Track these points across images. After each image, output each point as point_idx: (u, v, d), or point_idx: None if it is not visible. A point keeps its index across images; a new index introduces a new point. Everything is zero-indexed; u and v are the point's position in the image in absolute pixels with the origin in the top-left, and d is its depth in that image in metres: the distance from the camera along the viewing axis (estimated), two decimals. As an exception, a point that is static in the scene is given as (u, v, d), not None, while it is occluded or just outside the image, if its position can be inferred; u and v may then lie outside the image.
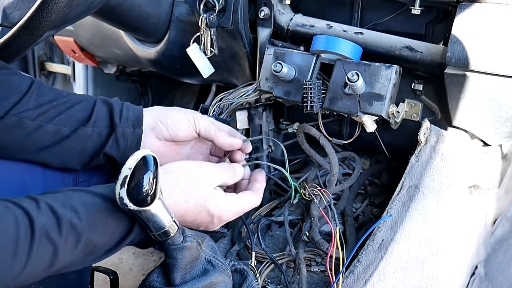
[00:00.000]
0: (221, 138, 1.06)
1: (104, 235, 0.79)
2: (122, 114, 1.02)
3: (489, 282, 1.15)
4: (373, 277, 1.01)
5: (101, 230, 0.78)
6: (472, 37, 1.01)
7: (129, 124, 1.02)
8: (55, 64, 2.41)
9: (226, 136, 1.07)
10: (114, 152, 1.02)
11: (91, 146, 1.00)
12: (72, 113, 0.99)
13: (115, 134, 1.01)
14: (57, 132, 0.97)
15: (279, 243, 1.24)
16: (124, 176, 0.75)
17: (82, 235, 0.76)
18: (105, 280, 1.15)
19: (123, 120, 1.02)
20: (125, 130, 1.02)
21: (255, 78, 1.36)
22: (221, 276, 0.90)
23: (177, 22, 1.37)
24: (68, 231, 0.74)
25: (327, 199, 1.13)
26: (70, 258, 0.76)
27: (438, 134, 1.14)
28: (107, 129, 1.01)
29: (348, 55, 1.14)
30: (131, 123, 1.02)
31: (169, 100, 2.45)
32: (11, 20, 0.90)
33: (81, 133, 0.99)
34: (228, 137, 1.07)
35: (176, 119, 1.05)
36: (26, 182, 0.98)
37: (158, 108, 1.08)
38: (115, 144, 1.01)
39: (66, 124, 0.98)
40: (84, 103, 1.01)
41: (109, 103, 1.03)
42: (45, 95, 0.98)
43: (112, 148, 1.01)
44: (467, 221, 1.15)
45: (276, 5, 1.28)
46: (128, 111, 1.03)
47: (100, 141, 1.01)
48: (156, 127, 1.04)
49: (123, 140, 1.01)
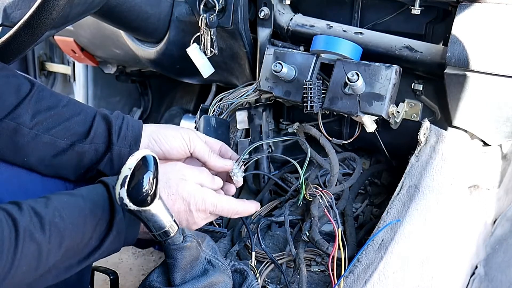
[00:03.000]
0: (213, 161, 1.07)
1: (85, 235, 0.80)
2: (121, 132, 1.01)
3: (489, 282, 1.15)
4: (373, 277, 1.01)
5: (82, 229, 0.79)
6: (472, 37, 1.01)
7: (127, 143, 1.01)
8: (55, 64, 2.41)
9: (218, 159, 1.08)
10: (108, 171, 1.01)
11: (87, 161, 1.00)
12: (70, 126, 0.98)
13: (111, 153, 1.00)
14: (53, 144, 0.96)
15: (279, 243, 1.24)
16: (124, 176, 0.75)
17: (65, 234, 0.77)
18: (105, 280, 1.15)
19: (120, 139, 1.00)
20: (122, 150, 1.00)
21: (255, 78, 1.36)
22: (221, 276, 0.90)
23: (177, 22, 1.37)
24: (52, 230, 0.75)
25: (328, 200, 1.13)
26: (55, 259, 0.76)
27: (438, 134, 1.15)
28: (104, 145, 1.00)
29: (348, 55, 1.14)
30: (128, 143, 1.01)
31: (169, 100, 2.45)
32: (11, 19, 0.90)
33: (77, 150, 0.98)
34: (220, 160, 1.08)
35: (171, 138, 1.04)
36: (25, 184, 0.98)
37: (153, 126, 1.06)
38: (110, 163, 1.00)
39: (63, 137, 0.97)
40: (83, 116, 1.00)
41: (109, 119, 1.01)
42: (44, 101, 0.97)
43: (106, 167, 1.01)
44: (467, 221, 1.15)
45: (276, 5, 1.28)
46: (127, 129, 1.02)
47: (96, 156, 1.00)
48: (149, 144, 1.04)
49: (118, 161, 1.00)
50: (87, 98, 2.30)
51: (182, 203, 0.93)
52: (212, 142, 1.12)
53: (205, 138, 1.12)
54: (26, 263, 0.73)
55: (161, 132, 1.04)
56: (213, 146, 1.12)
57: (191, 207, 0.94)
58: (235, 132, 1.44)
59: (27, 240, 0.73)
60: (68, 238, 0.77)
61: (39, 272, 0.75)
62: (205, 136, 1.13)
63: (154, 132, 1.04)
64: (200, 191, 0.95)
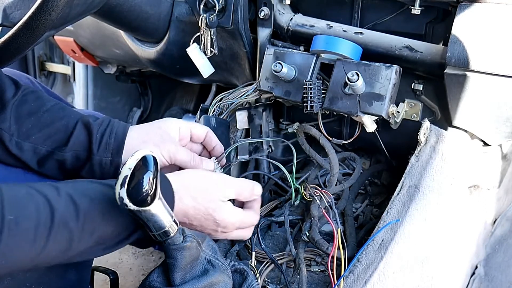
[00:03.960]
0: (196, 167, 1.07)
1: (117, 225, 0.81)
2: (102, 141, 0.99)
3: (489, 282, 1.14)
4: (373, 277, 1.01)
5: (115, 220, 0.80)
6: (472, 37, 1.01)
7: (108, 153, 0.99)
8: (55, 64, 2.41)
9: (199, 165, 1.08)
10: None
11: (69, 165, 0.99)
12: (51, 132, 0.97)
13: (90, 163, 0.98)
14: (33, 151, 0.96)
15: (279, 243, 1.24)
16: (124, 176, 0.75)
17: (97, 223, 0.78)
18: (105, 280, 1.15)
19: (101, 148, 0.99)
20: (102, 159, 0.99)
21: (255, 78, 1.36)
22: (221, 276, 0.90)
23: (177, 22, 1.37)
24: (86, 219, 0.77)
25: (327, 200, 1.13)
26: (85, 245, 0.78)
27: (438, 134, 1.14)
28: (85, 152, 0.99)
29: (348, 55, 1.14)
30: (110, 152, 0.99)
31: (169, 100, 2.45)
32: (11, 19, 0.90)
33: (56, 158, 0.97)
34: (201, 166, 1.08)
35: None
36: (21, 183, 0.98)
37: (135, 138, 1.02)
38: (90, 172, 0.99)
39: (43, 144, 0.96)
40: (65, 122, 0.98)
41: (90, 127, 0.99)
42: (26, 106, 0.96)
43: (87, 175, 1.00)
44: (467, 221, 1.15)
45: (276, 5, 1.28)
46: (110, 137, 0.99)
47: (78, 163, 0.99)
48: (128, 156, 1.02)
49: (99, 170, 0.99)
50: (87, 98, 2.30)
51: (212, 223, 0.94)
52: (198, 131, 1.11)
53: (191, 127, 1.10)
54: (57, 249, 0.75)
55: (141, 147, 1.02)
56: (199, 135, 1.11)
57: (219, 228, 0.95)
58: (235, 132, 1.44)
59: (61, 227, 0.75)
60: (100, 227, 0.79)
61: (66, 257, 0.78)
62: (190, 124, 1.11)
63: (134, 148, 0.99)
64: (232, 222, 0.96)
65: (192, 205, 0.91)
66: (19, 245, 0.71)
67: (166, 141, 1.04)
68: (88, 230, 0.78)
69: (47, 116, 0.98)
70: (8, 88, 0.96)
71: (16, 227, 0.71)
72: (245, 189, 1.00)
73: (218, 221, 0.94)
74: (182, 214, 0.90)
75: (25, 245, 0.72)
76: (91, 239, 0.78)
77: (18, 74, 1.15)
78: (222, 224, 0.94)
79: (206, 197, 0.92)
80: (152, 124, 1.08)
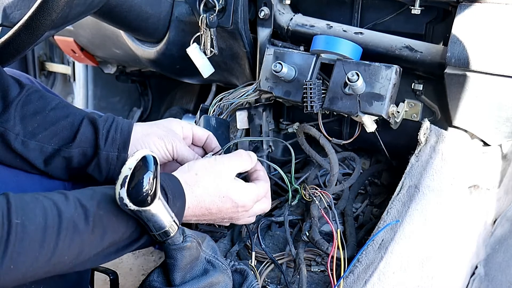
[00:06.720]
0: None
1: (127, 229, 0.81)
2: (109, 136, 0.99)
3: (489, 282, 1.14)
4: (373, 277, 1.01)
5: (125, 221, 0.80)
6: (472, 37, 1.01)
7: (115, 147, 0.99)
8: (55, 64, 2.41)
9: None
10: (96, 175, 1.00)
11: (76, 164, 0.99)
12: (57, 130, 0.97)
13: (97, 158, 0.98)
14: (40, 150, 0.96)
15: (279, 243, 1.24)
16: (124, 176, 0.75)
17: (108, 225, 0.78)
18: (105, 280, 1.15)
19: (108, 143, 0.99)
20: (109, 154, 0.99)
21: (255, 78, 1.36)
22: (221, 276, 0.90)
23: (177, 22, 1.37)
24: (95, 222, 0.77)
25: (327, 200, 1.13)
26: (96, 250, 0.78)
27: (438, 134, 1.14)
28: (92, 149, 0.99)
29: (348, 55, 1.14)
30: (116, 147, 0.99)
31: (169, 100, 2.46)
32: (11, 19, 0.90)
33: (63, 155, 0.97)
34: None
35: (154, 148, 1.02)
36: (23, 185, 0.97)
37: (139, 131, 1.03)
38: (97, 168, 0.99)
39: (49, 142, 0.96)
40: (71, 119, 0.98)
41: (96, 123, 0.99)
42: (31, 105, 0.96)
43: (94, 171, 1.00)
44: (467, 221, 1.15)
45: (276, 5, 1.28)
46: (116, 133, 1.00)
47: (85, 160, 0.99)
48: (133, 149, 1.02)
49: (106, 166, 0.99)
50: (87, 98, 2.30)
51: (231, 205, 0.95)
52: (199, 132, 1.12)
53: (193, 128, 1.11)
54: (68, 253, 0.75)
55: (145, 140, 1.02)
56: (200, 136, 1.12)
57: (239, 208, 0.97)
58: (235, 132, 1.44)
59: (70, 230, 0.74)
60: (110, 229, 0.78)
61: (79, 261, 0.77)
62: (192, 125, 1.12)
63: (138, 140, 1.02)
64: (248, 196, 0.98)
65: (206, 193, 0.91)
66: (28, 249, 0.71)
67: (170, 135, 1.05)
68: (99, 233, 0.77)
69: (53, 115, 0.98)
70: (12, 88, 0.96)
71: (23, 230, 0.70)
72: (244, 159, 1.00)
73: (236, 201, 0.94)
74: (199, 205, 0.91)
75: (33, 248, 0.71)
76: (102, 242, 0.78)
77: (18, 74, 1.15)
78: (241, 203, 0.95)
79: (216, 180, 0.93)
80: (156, 122, 1.09)
